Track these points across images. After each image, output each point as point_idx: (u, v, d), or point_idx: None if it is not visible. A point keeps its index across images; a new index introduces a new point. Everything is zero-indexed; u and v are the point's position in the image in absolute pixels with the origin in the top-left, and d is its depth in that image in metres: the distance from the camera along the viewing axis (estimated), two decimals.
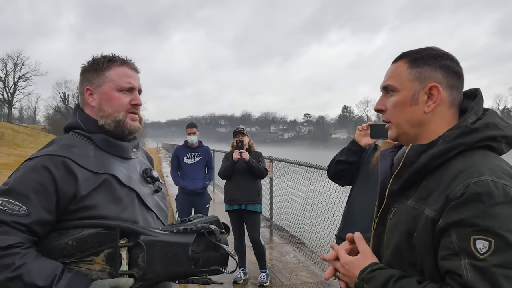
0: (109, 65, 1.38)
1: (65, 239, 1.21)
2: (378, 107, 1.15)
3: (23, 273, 1.12)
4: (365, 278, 1.04)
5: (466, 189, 0.90)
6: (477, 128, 1.00)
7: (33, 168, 1.22)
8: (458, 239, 0.89)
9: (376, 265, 1.07)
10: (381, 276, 1.01)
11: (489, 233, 0.86)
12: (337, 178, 2.63)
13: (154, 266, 1.24)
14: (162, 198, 1.52)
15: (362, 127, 2.50)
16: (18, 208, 1.16)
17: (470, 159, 0.97)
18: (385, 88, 1.13)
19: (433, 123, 1.06)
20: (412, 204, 1.02)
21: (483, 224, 0.87)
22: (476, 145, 1.00)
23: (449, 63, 1.06)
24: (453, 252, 0.89)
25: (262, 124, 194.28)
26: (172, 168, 5.10)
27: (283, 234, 6.67)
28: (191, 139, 4.96)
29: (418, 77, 1.06)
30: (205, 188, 5.00)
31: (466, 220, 0.89)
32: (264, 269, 4.40)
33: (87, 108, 1.41)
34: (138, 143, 1.50)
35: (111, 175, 1.30)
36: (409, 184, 1.05)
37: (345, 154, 2.51)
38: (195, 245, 1.26)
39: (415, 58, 1.08)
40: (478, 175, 0.92)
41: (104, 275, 1.21)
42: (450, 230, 0.91)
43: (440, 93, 1.04)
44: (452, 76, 1.06)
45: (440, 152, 1.00)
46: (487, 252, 0.86)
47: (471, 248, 0.87)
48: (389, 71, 1.13)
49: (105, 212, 1.24)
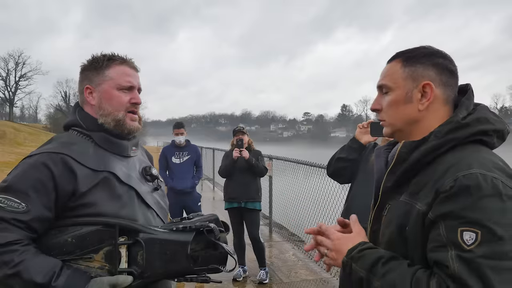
0: (109, 64, 1.38)
1: (64, 236, 1.21)
2: (374, 106, 1.16)
3: (22, 270, 1.12)
4: (354, 257, 1.04)
5: (455, 182, 0.91)
6: (468, 123, 1.01)
7: (32, 165, 1.22)
8: (446, 231, 0.90)
9: (365, 244, 1.06)
10: (371, 256, 1.01)
11: (476, 225, 0.87)
12: (337, 176, 2.63)
13: (153, 264, 1.25)
14: (162, 196, 1.52)
15: (363, 124, 2.50)
16: (17, 205, 1.16)
17: (460, 153, 0.99)
18: (380, 88, 1.14)
19: (427, 120, 1.07)
20: (405, 199, 1.03)
21: (471, 216, 0.88)
22: (468, 139, 1.01)
23: (441, 61, 1.07)
24: (441, 244, 0.90)
25: (262, 122, 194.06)
26: (160, 168, 5.00)
27: (282, 232, 6.68)
28: (179, 140, 4.91)
29: (411, 75, 1.07)
30: (194, 187, 4.94)
31: (454, 212, 0.90)
32: (264, 266, 4.42)
33: (86, 106, 1.41)
34: (137, 141, 1.50)
35: (110, 173, 1.30)
36: (403, 180, 1.06)
37: (346, 151, 2.51)
38: (194, 244, 1.27)
39: (408, 57, 1.09)
40: (467, 168, 0.93)
41: (103, 273, 1.22)
42: (438, 222, 0.92)
43: (434, 91, 1.05)
44: (445, 74, 1.06)
45: (432, 148, 1.01)
46: (474, 243, 0.86)
47: (458, 240, 0.88)
48: (383, 70, 1.14)
49: (104, 209, 1.24)
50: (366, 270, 1.00)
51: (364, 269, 1.00)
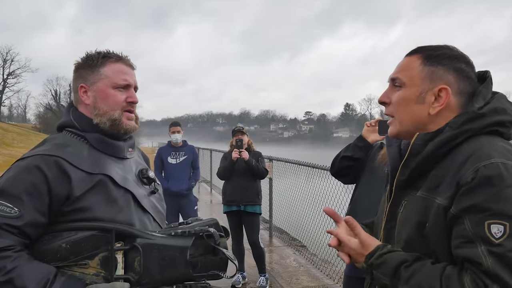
0: (104, 62, 1.36)
1: (59, 242, 1.19)
2: (382, 99, 1.12)
3: (14, 277, 1.10)
4: (374, 263, 1.01)
5: (476, 173, 0.89)
6: (484, 113, 0.99)
7: (25, 168, 1.20)
8: (472, 225, 0.88)
9: (384, 248, 1.03)
10: (392, 261, 0.98)
11: (503, 217, 0.85)
12: (341, 175, 2.59)
13: (151, 270, 1.22)
14: (159, 199, 1.50)
15: (370, 123, 2.47)
16: (9, 210, 1.14)
17: (477, 144, 0.96)
18: (393, 80, 1.10)
19: (436, 126, 1.04)
20: (422, 195, 1.01)
21: (496, 208, 0.86)
22: (484, 130, 0.99)
23: (464, 67, 1.03)
24: (468, 240, 0.88)
25: (261, 122, 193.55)
26: (155, 169, 4.90)
27: (283, 236, 6.62)
28: (175, 138, 4.83)
29: (429, 76, 1.03)
30: (191, 189, 4.87)
31: (479, 205, 0.87)
32: (264, 273, 4.36)
33: (81, 106, 1.38)
34: (133, 142, 1.48)
35: (106, 176, 1.28)
36: (417, 174, 1.04)
37: (351, 150, 2.47)
38: (193, 249, 1.25)
39: (430, 55, 1.05)
40: (487, 158, 0.91)
41: (98, 280, 1.19)
42: (462, 217, 0.90)
43: (449, 97, 1.02)
44: (464, 81, 1.03)
45: (446, 139, 0.99)
46: (503, 236, 0.85)
47: (486, 234, 0.86)
48: (401, 63, 1.10)
49: (99, 214, 1.22)
50: (389, 276, 0.97)
51: (387, 275, 0.97)
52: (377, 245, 1.04)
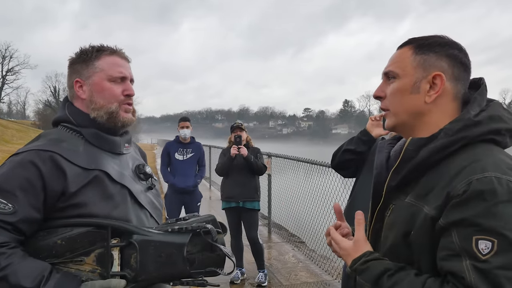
0: (98, 55, 1.34)
1: (54, 238, 1.18)
2: (377, 93, 1.10)
3: (9, 274, 1.08)
4: (358, 269, 1.00)
5: (468, 186, 0.87)
6: (480, 121, 0.96)
7: (20, 163, 1.18)
8: (460, 239, 0.86)
9: (370, 254, 1.02)
10: (376, 269, 0.97)
11: (492, 233, 0.83)
12: (341, 168, 2.57)
13: (148, 267, 1.21)
14: (156, 195, 1.49)
15: (375, 117, 2.46)
16: (3, 206, 1.13)
17: (472, 154, 0.93)
18: (386, 74, 1.08)
19: (433, 115, 1.01)
20: (411, 201, 0.98)
21: (486, 224, 0.84)
22: (479, 138, 0.96)
23: (456, 53, 1.01)
24: (454, 253, 0.87)
25: (260, 119, 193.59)
26: (162, 164, 4.97)
27: (282, 232, 6.62)
28: (184, 133, 4.83)
29: (422, 64, 1.01)
30: (196, 186, 4.90)
31: (468, 219, 0.85)
32: (262, 269, 4.35)
33: (77, 101, 1.37)
34: (130, 137, 1.47)
35: (102, 171, 1.26)
36: (408, 180, 1.01)
37: (354, 143, 2.46)
38: (190, 246, 1.23)
39: (421, 44, 1.03)
40: (481, 171, 0.88)
41: (94, 276, 1.18)
42: (451, 229, 0.88)
43: (444, 83, 0.99)
44: (458, 67, 1.01)
45: (441, 146, 0.96)
46: (490, 253, 0.83)
47: (473, 249, 0.84)
48: (393, 56, 1.08)
49: (95, 210, 1.21)
50: (371, 283, 0.96)
51: (369, 282, 0.96)
52: (364, 251, 1.03)
